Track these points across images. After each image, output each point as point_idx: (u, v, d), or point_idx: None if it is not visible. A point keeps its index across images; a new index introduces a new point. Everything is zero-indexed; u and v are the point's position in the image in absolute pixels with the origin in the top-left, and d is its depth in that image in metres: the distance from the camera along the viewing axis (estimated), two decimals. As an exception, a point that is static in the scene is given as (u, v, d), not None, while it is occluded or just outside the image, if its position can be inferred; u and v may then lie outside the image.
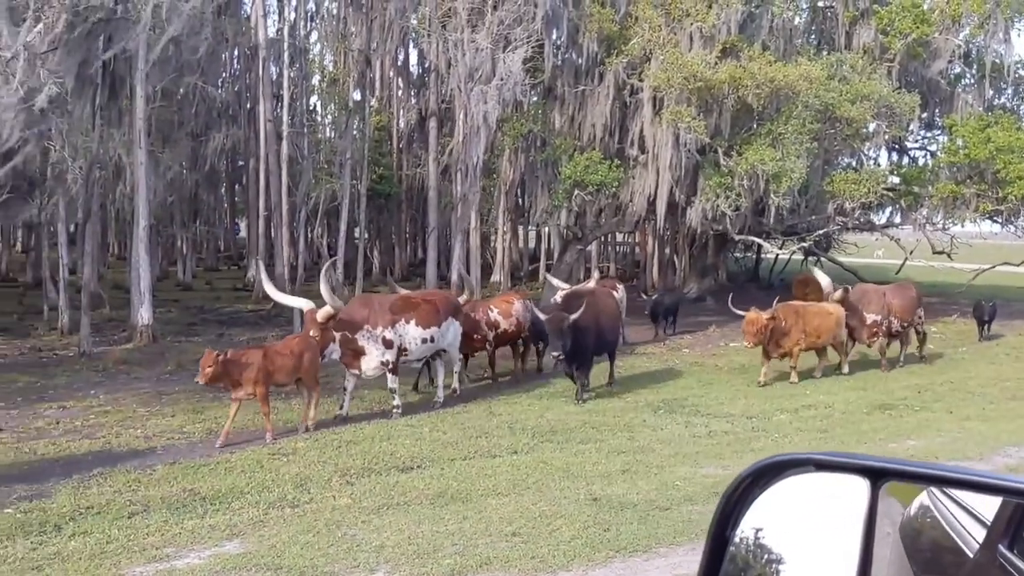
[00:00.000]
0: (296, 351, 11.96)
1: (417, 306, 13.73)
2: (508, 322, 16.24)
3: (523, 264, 38.73)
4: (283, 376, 11.82)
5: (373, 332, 12.93)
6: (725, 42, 22.31)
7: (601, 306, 14.95)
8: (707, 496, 8.79)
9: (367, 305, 13.47)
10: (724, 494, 1.65)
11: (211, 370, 10.87)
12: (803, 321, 16.45)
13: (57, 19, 13.41)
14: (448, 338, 14.21)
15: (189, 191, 35.71)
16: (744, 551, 1.73)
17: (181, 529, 7.83)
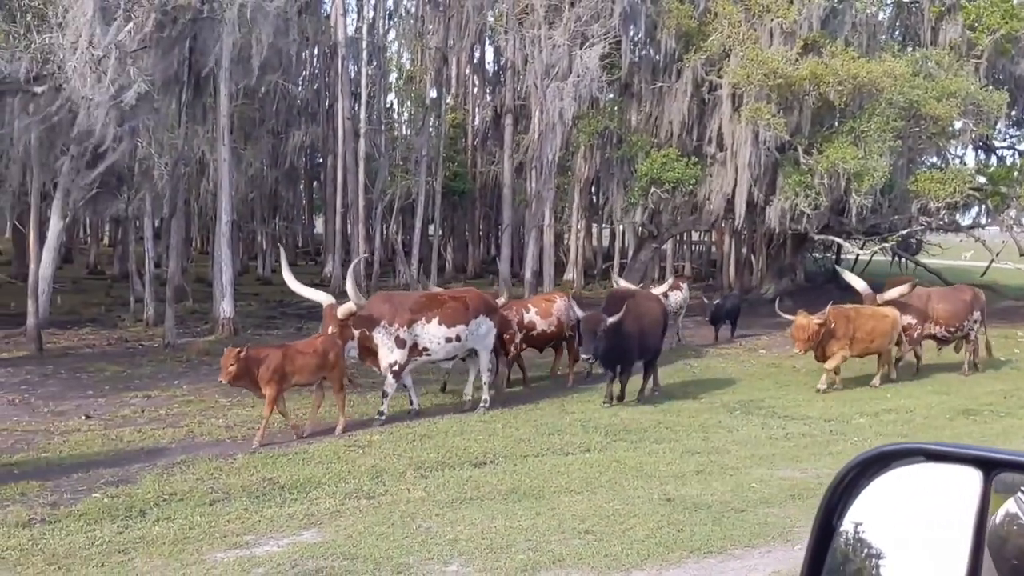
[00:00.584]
0: (320, 350, 11.48)
1: (442, 304, 13.15)
2: (547, 322, 15.44)
3: (596, 262, 38.62)
4: (305, 376, 11.32)
5: (388, 329, 12.47)
6: (806, 38, 21.93)
7: (644, 310, 14.19)
8: (784, 499, 8.67)
9: (388, 302, 12.99)
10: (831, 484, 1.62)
11: (234, 368, 10.52)
12: (854, 326, 15.56)
13: (147, 18, 13.80)
14: (478, 338, 13.41)
15: (269, 188, 36.46)
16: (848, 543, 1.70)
17: (260, 517, 8.00)
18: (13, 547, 7.08)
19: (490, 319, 13.61)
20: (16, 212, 25.16)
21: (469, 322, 13.21)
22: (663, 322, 15.07)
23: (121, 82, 13.24)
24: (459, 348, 13.29)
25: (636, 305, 13.82)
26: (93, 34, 12.89)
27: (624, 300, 13.55)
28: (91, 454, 10.30)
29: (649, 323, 14.21)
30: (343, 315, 12.01)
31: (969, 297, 17.83)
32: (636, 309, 13.71)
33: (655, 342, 14.55)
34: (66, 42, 12.99)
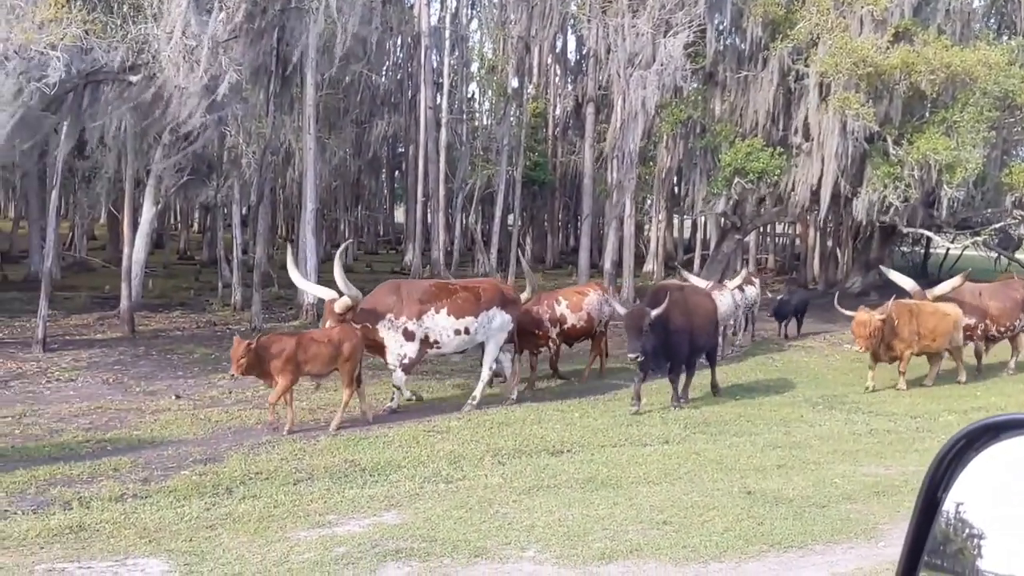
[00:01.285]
0: (336, 340, 11.07)
1: (452, 294, 12.57)
2: (577, 316, 14.73)
3: (677, 254, 38.26)
4: (318, 366, 11.00)
5: (395, 323, 11.99)
6: (898, 26, 21.32)
7: (691, 304, 13.16)
8: (867, 496, 8.49)
9: (394, 293, 12.43)
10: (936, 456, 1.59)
11: (244, 360, 10.30)
12: (917, 321, 14.79)
13: (237, 9, 14.13)
14: (490, 331, 12.76)
15: (352, 176, 37.08)
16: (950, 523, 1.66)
17: (342, 498, 8.15)
18: (107, 520, 7.34)
19: (505, 312, 12.92)
20: (111, 198, 26.04)
21: (480, 314, 12.59)
22: (715, 318, 14.08)
23: (213, 71, 13.61)
24: (469, 341, 12.72)
25: (684, 299, 13.02)
26: (187, 24, 13.26)
27: (667, 293, 12.57)
28: (180, 433, 10.63)
29: (701, 319, 13.29)
30: (340, 309, 11.53)
31: (1020, 294, 16.92)
32: (684, 303, 12.91)
33: (708, 340, 13.66)
34: (161, 32, 13.39)
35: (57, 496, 7.94)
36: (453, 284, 13.45)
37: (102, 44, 13.12)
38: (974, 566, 1.63)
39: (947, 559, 1.68)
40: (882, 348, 14.59)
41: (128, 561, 6.52)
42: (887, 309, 14.46)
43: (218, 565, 6.41)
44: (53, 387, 12.91)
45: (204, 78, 13.44)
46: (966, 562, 1.64)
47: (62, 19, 12.67)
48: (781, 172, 21.45)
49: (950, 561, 1.67)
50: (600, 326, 15.04)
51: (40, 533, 6.96)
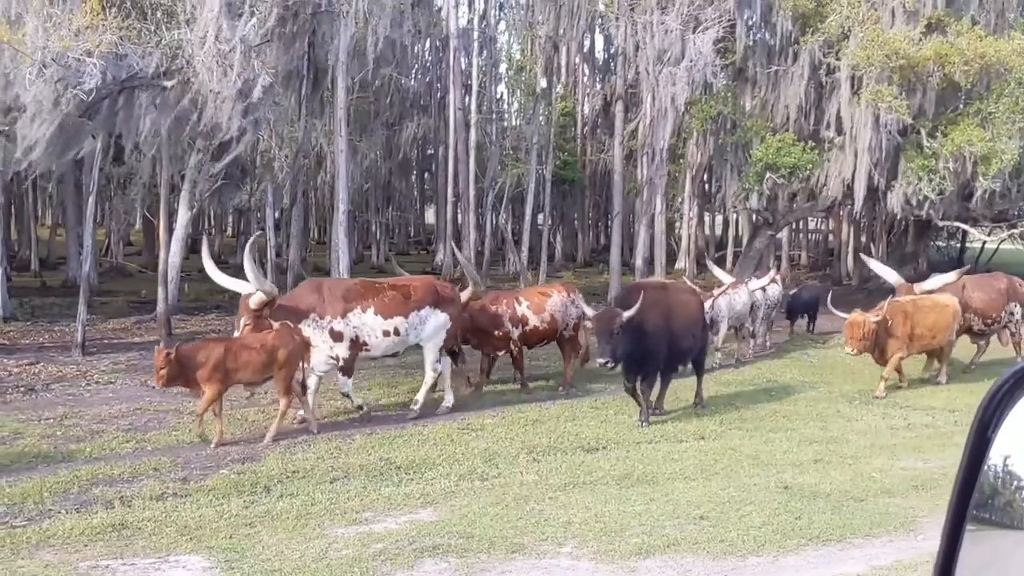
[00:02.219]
0: (269, 346, 10.26)
1: (379, 292, 11.76)
2: (539, 318, 13.67)
3: (709, 250, 38.08)
4: (249, 374, 10.21)
5: (320, 322, 11.19)
6: (930, 17, 21.10)
7: (672, 304, 11.93)
8: (906, 489, 8.42)
9: (316, 290, 11.66)
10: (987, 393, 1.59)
11: (165, 371, 9.59)
12: (912, 321, 13.86)
13: (269, 13, 14.28)
14: (424, 332, 11.97)
15: (383, 178, 37.29)
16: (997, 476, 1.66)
17: (378, 495, 8.20)
18: (148, 518, 7.45)
19: (441, 311, 12.13)
20: (146, 204, 26.37)
21: (410, 314, 11.80)
22: (700, 320, 12.72)
23: (246, 76, 13.76)
24: (400, 343, 11.93)
25: (663, 299, 11.84)
26: (219, 29, 13.42)
27: (642, 292, 11.38)
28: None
29: (683, 321, 11.97)
30: (256, 305, 10.70)
31: (1004, 285, 16.10)
32: (663, 303, 11.70)
33: (692, 344, 12.28)
34: (194, 37, 13.56)
35: (99, 495, 8.06)
36: (380, 282, 12.57)
37: (136, 50, 13.32)
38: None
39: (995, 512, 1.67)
40: (876, 350, 13.70)
41: (170, 558, 6.62)
42: (882, 310, 13.59)
43: (258, 562, 6.49)
44: (93, 389, 13.09)
45: (237, 82, 13.59)
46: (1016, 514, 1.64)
47: (97, 26, 12.87)
48: (813, 167, 21.30)
49: (999, 514, 1.67)
50: (567, 329, 13.91)
51: (83, 531, 7.07)
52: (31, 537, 6.97)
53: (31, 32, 12.64)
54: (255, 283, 10.79)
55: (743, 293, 16.52)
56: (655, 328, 11.32)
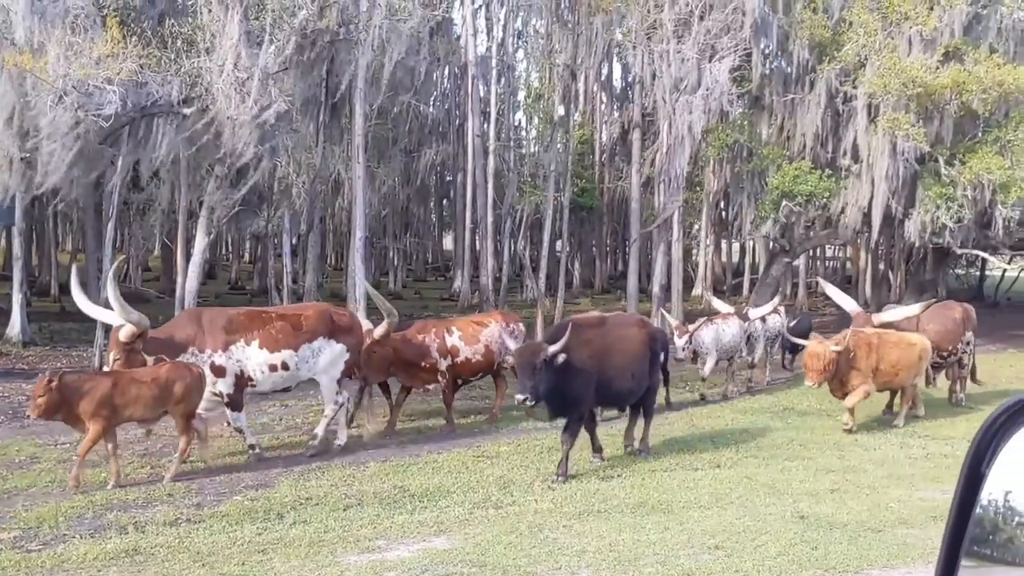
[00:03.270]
0: (163, 380, 9.44)
1: (266, 323, 10.88)
2: (472, 349, 12.96)
3: (726, 278, 38.00)
4: (140, 410, 9.37)
5: (200, 356, 10.32)
6: (948, 45, 21.09)
7: (609, 341, 10.68)
8: (924, 520, 8.31)
9: (194, 322, 10.77)
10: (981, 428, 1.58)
11: (43, 400, 8.75)
12: (877, 355, 12.97)
13: (287, 41, 14.45)
14: (318, 365, 11.18)
15: (401, 205, 37.53)
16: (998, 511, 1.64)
17: (391, 523, 8.17)
18: (161, 544, 7.44)
19: (336, 342, 11.34)
20: (165, 230, 26.57)
21: (300, 346, 10.97)
22: (648, 356, 11.15)
23: (263, 103, 13.92)
24: (291, 378, 11.09)
25: (598, 335, 10.61)
26: (238, 57, 13.59)
27: (573, 327, 10.23)
28: (232, 459, 10.75)
29: (621, 359, 10.71)
30: (126, 338, 9.77)
31: (959, 315, 15.40)
32: (596, 340, 10.49)
33: (632, 384, 10.91)
34: (213, 65, 13.73)
35: (113, 520, 8.07)
36: (268, 312, 11.64)
37: (156, 78, 13.51)
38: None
39: (995, 548, 1.65)
40: (835, 382, 12.81)
41: (182, 584, 6.60)
42: (844, 339, 12.68)
43: (270, 588, 6.46)
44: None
45: (255, 109, 13.74)
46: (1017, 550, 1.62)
47: (118, 54, 13.06)
48: (830, 195, 21.26)
49: (999, 550, 1.65)
50: (505, 361, 12.87)
51: (97, 556, 7.07)
52: (45, 562, 6.98)
53: (52, 60, 12.83)
54: (121, 314, 9.81)
55: (733, 324, 15.86)
56: (585, 366, 10.11)
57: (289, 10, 14.59)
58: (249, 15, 14.42)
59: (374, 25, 16.01)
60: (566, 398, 10.05)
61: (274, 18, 14.35)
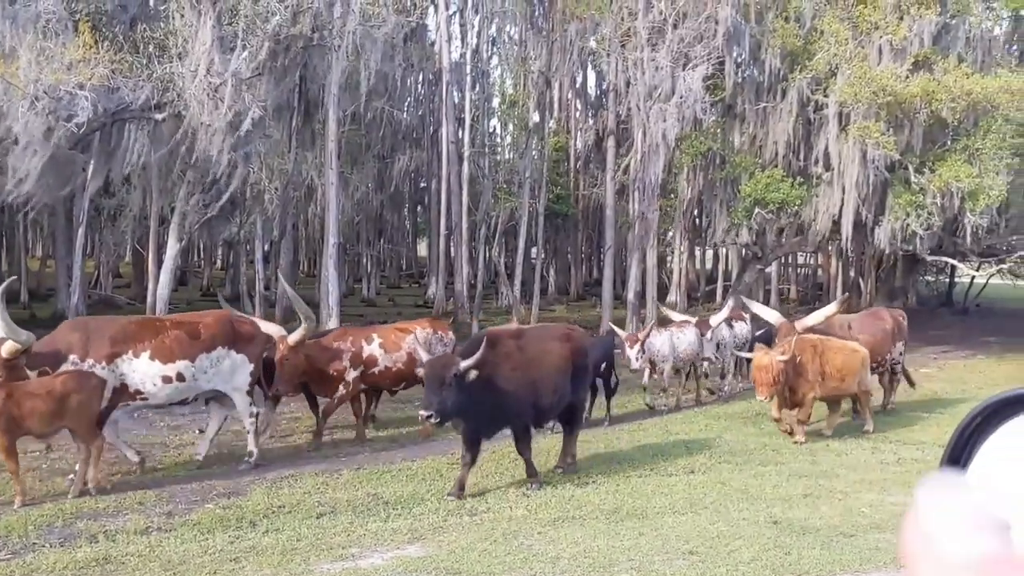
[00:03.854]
0: (58, 392, 8.98)
1: (158, 332, 10.23)
2: (392, 358, 12.48)
3: (700, 284, 38.17)
4: (37, 423, 8.90)
5: (80, 367, 9.70)
6: (917, 55, 21.38)
7: (532, 354, 10.04)
8: (895, 525, 8.33)
9: (78, 330, 10.09)
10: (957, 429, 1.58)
11: None
12: (821, 360, 12.56)
13: (261, 47, 14.37)
14: (219, 378, 10.53)
15: (374, 211, 37.36)
16: None
17: (365, 531, 8.14)
18: (132, 553, 7.37)
19: (237, 351, 10.70)
20: (136, 236, 26.33)
21: (198, 357, 10.32)
22: (572, 371, 10.45)
23: (237, 108, 13.84)
24: (188, 389, 10.38)
25: (515, 350, 9.93)
26: (211, 62, 13.51)
27: (489, 340, 9.64)
28: (204, 467, 10.66)
29: (542, 374, 10.03)
30: (7, 354, 9.23)
31: (889, 324, 15.13)
32: (515, 355, 9.85)
33: (553, 400, 10.21)
34: (186, 70, 13.64)
35: (84, 529, 7.98)
36: (163, 320, 11.17)
37: (128, 83, 13.39)
38: None
39: None
40: (786, 392, 12.31)
41: (153, 594, 6.54)
42: (789, 347, 12.14)
43: (243, 597, 6.41)
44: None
45: (228, 115, 13.66)
46: None
47: (90, 60, 12.94)
48: (802, 202, 21.45)
49: None
50: None
51: (67, 566, 7.00)
52: (15, 571, 6.90)
53: (24, 65, 12.70)
54: (8, 333, 9.28)
55: (689, 332, 15.40)
56: (501, 383, 9.48)
57: (262, 16, 14.51)
58: (222, 20, 14.33)
59: (348, 31, 15.97)
60: (485, 415, 9.44)
61: (247, 23, 14.26)
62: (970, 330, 28.12)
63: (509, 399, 9.58)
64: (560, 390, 10.26)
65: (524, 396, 9.77)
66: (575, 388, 10.62)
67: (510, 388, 9.61)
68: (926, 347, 23.92)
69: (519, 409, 9.73)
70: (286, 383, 11.45)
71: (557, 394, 10.23)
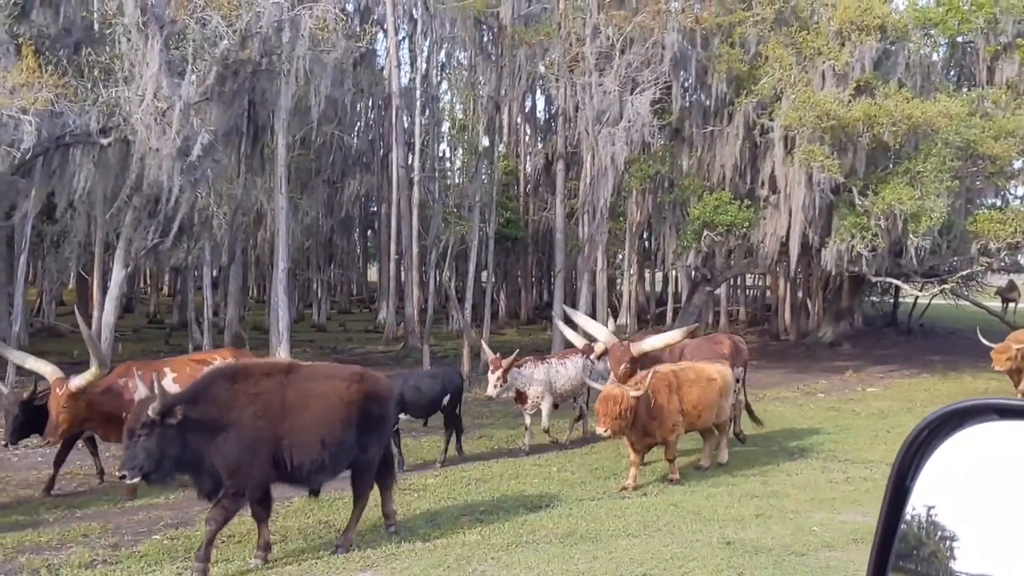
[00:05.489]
0: None
1: None
2: None
3: (650, 307, 38.44)
4: None
5: None
6: (859, 80, 21.86)
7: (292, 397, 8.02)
8: (846, 543, 8.47)
9: None
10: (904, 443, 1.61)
11: None
12: (679, 395, 11.35)
13: (208, 71, 14.25)
14: None
15: (324, 236, 37.17)
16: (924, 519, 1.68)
17: (317, 559, 8.02)
18: (76, 587, 7.19)
19: None
20: (80, 263, 25.83)
21: None
22: (359, 422, 8.35)
23: (185, 133, 13.70)
24: None
25: (274, 386, 8.01)
26: (158, 87, 13.37)
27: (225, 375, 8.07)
28: (151, 497, 10.44)
29: (306, 422, 7.99)
30: None
31: (728, 349, 13.87)
32: (270, 393, 7.93)
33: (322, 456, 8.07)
34: (132, 95, 13.47)
35: (25, 563, 7.77)
36: None
37: (73, 108, 13.18)
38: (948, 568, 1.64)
39: (920, 563, 1.69)
40: (634, 433, 10.95)
41: (98, 629, 6.37)
42: (646, 381, 10.81)
43: (191, 631, 6.27)
44: (21, 453, 12.68)
45: (176, 140, 13.51)
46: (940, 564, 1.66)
47: (33, 84, 12.72)
48: (750, 224, 21.73)
49: (923, 565, 1.68)
50: None
51: (7, 603, 6.80)
52: (-50, 610, 6.68)
53: (-35, 89, 12.46)
54: None
55: (572, 364, 13.86)
56: (231, 431, 7.58)
57: (211, 40, 14.39)
58: (169, 44, 14.20)
59: (297, 56, 15.89)
60: (206, 471, 7.62)
61: (195, 48, 14.15)
62: (915, 349, 28.65)
63: (233, 451, 7.55)
64: (333, 446, 8.10)
65: (261, 449, 7.71)
66: (364, 443, 8.45)
67: (242, 438, 7.60)
68: (872, 367, 24.34)
69: (248, 465, 7.65)
70: (59, 431, 10.01)
71: (328, 450, 8.07)
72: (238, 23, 14.65)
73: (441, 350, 24.96)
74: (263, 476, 7.83)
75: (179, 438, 7.33)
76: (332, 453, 8.12)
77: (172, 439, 7.30)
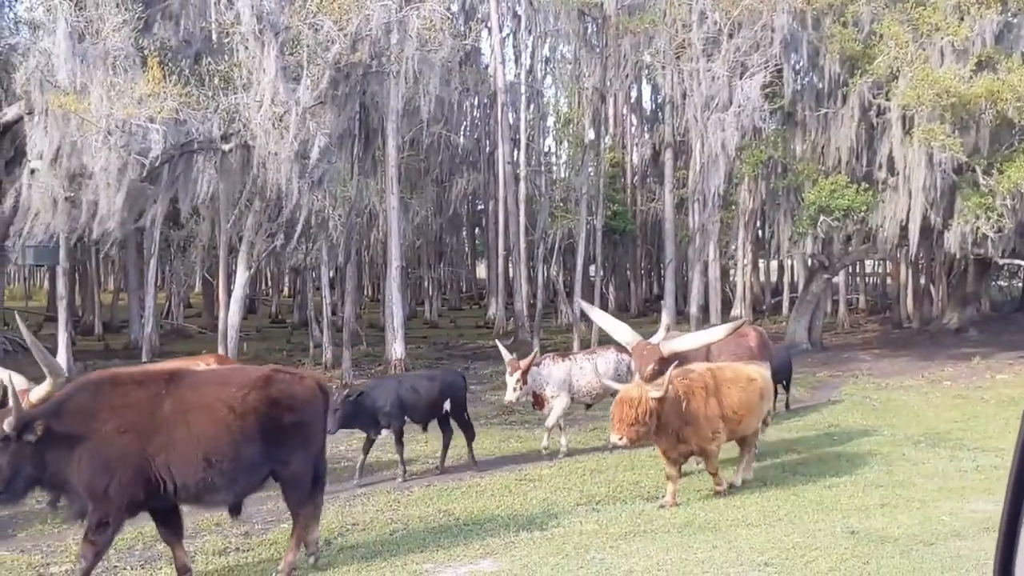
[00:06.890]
0: None
1: None
2: None
3: (765, 297, 37.74)
4: None
5: None
6: (980, 55, 20.98)
7: (171, 407, 6.95)
8: (977, 532, 8.16)
9: None
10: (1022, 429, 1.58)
11: None
12: (717, 398, 9.77)
13: (322, 76, 14.68)
14: None
15: (434, 234, 37.75)
16: None
17: (438, 547, 8.18)
18: (210, 573, 7.54)
19: None
20: (205, 266, 26.95)
21: None
22: (268, 433, 7.20)
23: (302, 137, 14.15)
24: None
25: (150, 396, 6.97)
26: (275, 92, 13.83)
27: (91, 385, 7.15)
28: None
29: (187, 435, 6.91)
30: None
31: (755, 342, 12.64)
32: (143, 404, 6.91)
33: (210, 474, 6.96)
34: (251, 101, 13.97)
35: (163, 551, 8.12)
36: None
37: (196, 116, 13.74)
38: None
39: None
40: (665, 439, 9.49)
41: (233, 612, 6.65)
42: (665, 381, 9.28)
43: (320, 614, 6.48)
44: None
45: (294, 144, 13.96)
46: None
47: (159, 93, 13.32)
48: (867, 208, 21.11)
49: None
50: None
51: (149, 587, 7.15)
52: (98, 593, 7.06)
53: (95, 101, 13.12)
54: None
55: (600, 362, 12.61)
56: (89, 447, 6.66)
57: (323, 44, 14.83)
58: (284, 51, 14.68)
59: (406, 57, 16.21)
60: (73, 492, 6.80)
61: (309, 53, 14.59)
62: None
63: (87, 470, 6.67)
64: (224, 462, 7.00)
65: (122, 468, 6.72)
66: (281, 456, 7.36)
67: (97, 455, 6.69)
68: (1001, 353, 23.31)
69: (105, 486, 6.68)
70: None
71: (215, 468, 6.96)
72: (348, 27, 15.02)
73: (551, 343, 25.01)
74: (127, 498, 6.77)
75: (37, 456, 6.56)
76: (224, 471, 7.00)
77: (28, 457, 6.54)
